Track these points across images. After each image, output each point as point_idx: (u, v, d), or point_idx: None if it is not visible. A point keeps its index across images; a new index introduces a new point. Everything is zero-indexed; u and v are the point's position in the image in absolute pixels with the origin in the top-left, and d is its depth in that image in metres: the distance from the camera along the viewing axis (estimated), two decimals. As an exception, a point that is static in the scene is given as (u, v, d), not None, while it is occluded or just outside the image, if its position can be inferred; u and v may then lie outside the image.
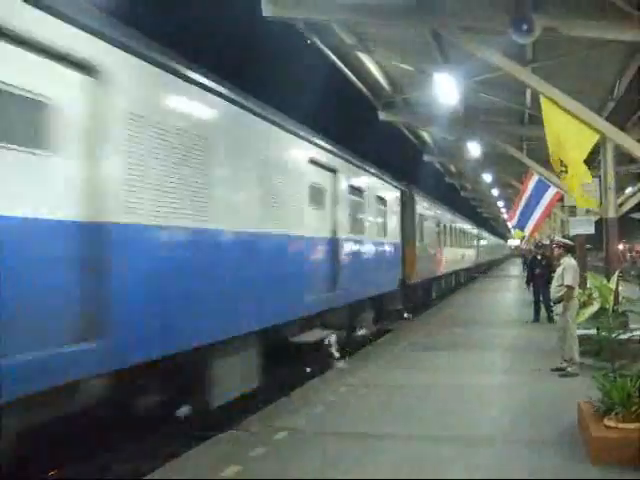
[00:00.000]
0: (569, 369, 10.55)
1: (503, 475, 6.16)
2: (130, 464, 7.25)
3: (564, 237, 17.20)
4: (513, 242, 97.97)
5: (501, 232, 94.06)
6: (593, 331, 10.26)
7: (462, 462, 6.55)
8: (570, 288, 10.66)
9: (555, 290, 11.02)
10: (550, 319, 15.70)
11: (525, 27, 8.38)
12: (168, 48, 7.59)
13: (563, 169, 9.02)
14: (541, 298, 17.99)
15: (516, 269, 59.36)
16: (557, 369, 10.76)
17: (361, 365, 11.92)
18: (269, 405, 9.15)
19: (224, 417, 8.67)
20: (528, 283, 19.79)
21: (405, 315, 20.52)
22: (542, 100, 9.25)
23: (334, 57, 13.89)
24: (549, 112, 9.13)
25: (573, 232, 17.97)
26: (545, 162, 14.99)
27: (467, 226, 43.49)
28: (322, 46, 13.00)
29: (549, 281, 12.63)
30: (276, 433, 7.59)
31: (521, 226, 22.19)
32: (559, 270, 11.01)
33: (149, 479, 6.31)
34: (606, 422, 6.59)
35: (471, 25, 9.57)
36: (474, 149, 21.74)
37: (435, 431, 7.66)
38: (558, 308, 10.95)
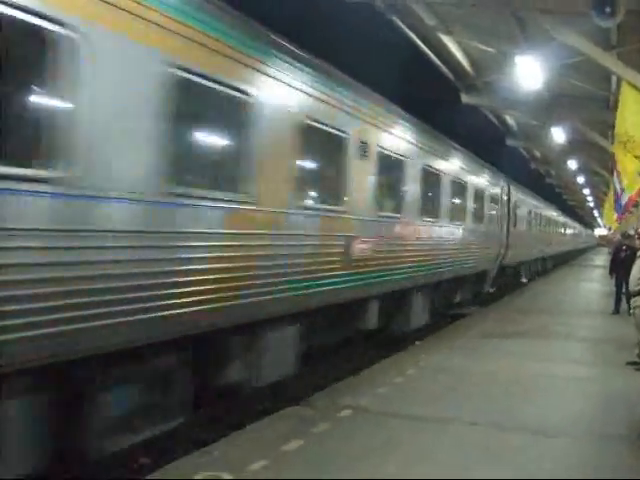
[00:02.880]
0: (645, 363, 10.28)
1: (565, 467, 6.11)
2: (193, 432, 7.43)
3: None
4: (600, 231, 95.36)
5: (587, 221, 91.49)
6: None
7: (526, 451, 6.50)
8: (652, 279, 10.34)
9: (635, 283, 10.70)
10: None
11: (608, 9, 8.07)
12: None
13: None
14: (623, 290, 17.45)
15: (601, 258, 57.73)
16: (633, 362, 10.49)
17: (432, 349, 11.89)
18: (336, 383, 9.28)
19: (290, 392, 8.86)
20: (611, 273, 19.28)
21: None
22: (623, 84, 8.96)
23: (415, 37, 13.78)
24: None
25: (659, 222, 17.35)
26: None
27: (576, 224, 68.68)
28: (403, 26, 12.93)
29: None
30: (340, 411, 7.68)
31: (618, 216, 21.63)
32: (640, 262, 10.69)
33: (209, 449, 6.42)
34: (677, 418, 6.44)
35: (553, 7, 9.32)
36: (558, 135, 21.23)
37: (501, 419, 7.60)
38: (637, 300, 10.64)
